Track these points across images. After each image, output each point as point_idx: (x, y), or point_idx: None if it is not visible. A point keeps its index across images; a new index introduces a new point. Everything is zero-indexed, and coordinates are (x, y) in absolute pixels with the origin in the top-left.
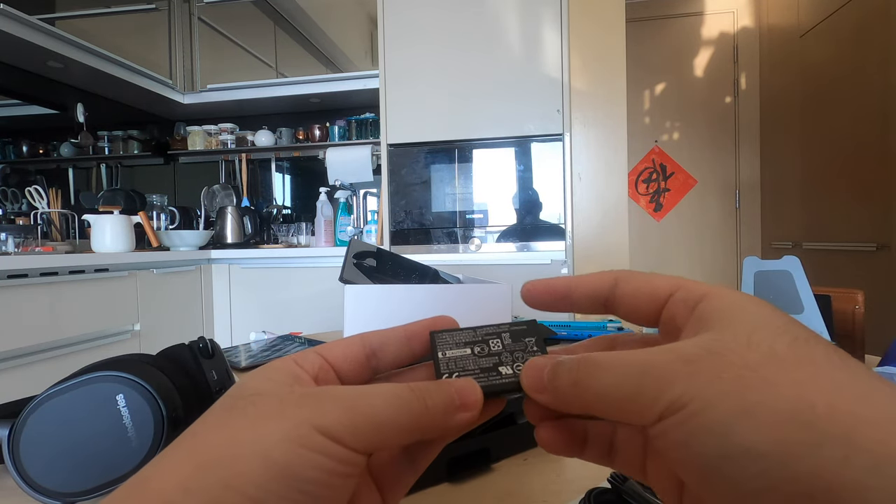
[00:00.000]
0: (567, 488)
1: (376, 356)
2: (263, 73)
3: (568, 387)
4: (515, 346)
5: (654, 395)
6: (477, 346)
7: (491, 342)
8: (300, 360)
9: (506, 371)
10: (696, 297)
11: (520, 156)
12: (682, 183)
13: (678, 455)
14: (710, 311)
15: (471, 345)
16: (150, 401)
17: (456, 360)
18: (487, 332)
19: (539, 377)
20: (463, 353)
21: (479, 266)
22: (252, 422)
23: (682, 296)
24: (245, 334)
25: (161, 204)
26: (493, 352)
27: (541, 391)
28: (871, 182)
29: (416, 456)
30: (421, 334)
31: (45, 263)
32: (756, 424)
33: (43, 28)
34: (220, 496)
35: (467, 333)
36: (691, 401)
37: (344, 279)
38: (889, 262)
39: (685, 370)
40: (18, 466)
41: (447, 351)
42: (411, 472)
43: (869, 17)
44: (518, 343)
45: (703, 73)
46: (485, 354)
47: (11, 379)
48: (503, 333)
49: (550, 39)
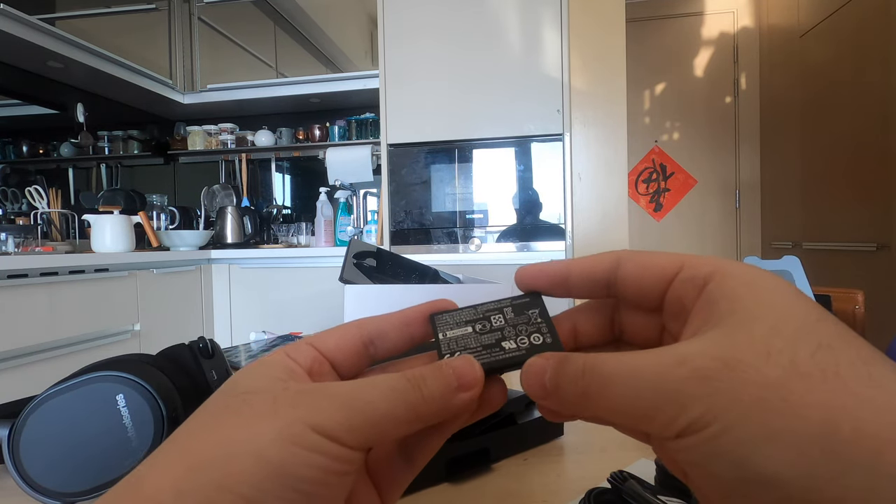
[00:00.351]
0: (567, 488)
1: (374, 344)
2: (263, 73)
3: (575, 398)
4: (518, 320)
5: (671, 415)
6: (478, 324)
7: (493, 318)
8: (293, 353)
9: (509, 346)
10: (703, 275)
11: (520, 156)
12: (682, 183)
13: (696, 472)
14: (720, 296)
15: (472, 323)
16: (150, 401)
17: (457, 340)
18: (488, 309)
19: (540, 383)
20: (464, 331)
21: (479, 266)
22: (246, 421)
23: (688, 274)
24: (245, 334)
25: (161, 204)
26: (496, 327)
27: (544, 398)
28: (871, 182)
29: (413, 454)
30: (419, 319)
31: (45, 263)
32: (778, 451)
33: (43, 28)
34: (213, 497)
35: (468, 312)
36: (710, 423)
37: (344, 279)
38: (889, 262)
39: (702, 390)
40: (18, 466)
41: (448, 331)
42: (409, 470)
43: (869, 17)
44: (521, 316)
45: (703, 73)
46: (486, 331)
47: (11, 379)
48: (505, 308)
49: (550, 39)
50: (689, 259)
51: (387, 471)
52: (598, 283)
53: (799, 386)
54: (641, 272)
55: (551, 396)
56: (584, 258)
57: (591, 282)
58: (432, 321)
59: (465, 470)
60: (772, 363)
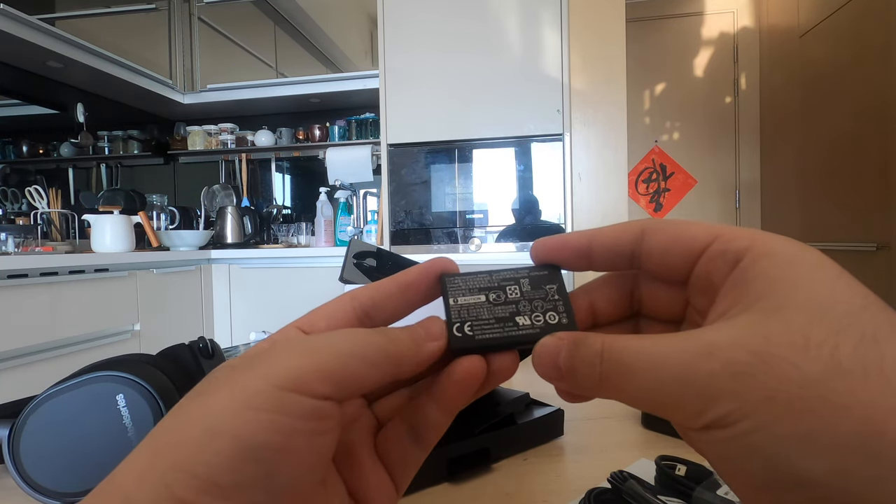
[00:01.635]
0: (567, 488)
1: (370, 317)
2: (263, 73)
3: (592, 382)
4: (535, 294)
5: (698, 408)
6: (492, 293)
7: (508, 289)
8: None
9: (523, 322)
10: (736, 250)
11: (520, 156)
12: (682, 183)
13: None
14: (754, 274)
15: (486, 291)
16: (150, 401)
17: (469, 308)
18: (504, 278)
19: (554, 364)
20: (477, 300)
21: (479, 266)
22: (205, 397)
23: (719, 248)
24: (245, 334)
25: (161, 204)
26: (510, 299)
27: (559, 379)
28: (871, 182)
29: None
30: (417, 283)
31: (45, 263)
32: (815, 453)
33: (43, 28)
34: (169, 479)
35: (482, 278)
36: (741, 420)
37: (344, 279)
38: (889, 262)
39: (734, 385)
40: (18, 466)
41: (459, 297)
42: (419, 449)
43: (869, 17)
44: (538, 291)
45: (703, 73)
46: (501, 302)
47: (11, 379)
48: (522, 279)
49: (550, 39)
50: (724, 231)
51: (396, 452)
52: (622, 256)
53: (840, 384)
54: (670, 244)
55: (566, 379)
56: (606, 228)
57: (614, 254)
58: (443, 283)
59: (465, 470)
60: (810, 358)
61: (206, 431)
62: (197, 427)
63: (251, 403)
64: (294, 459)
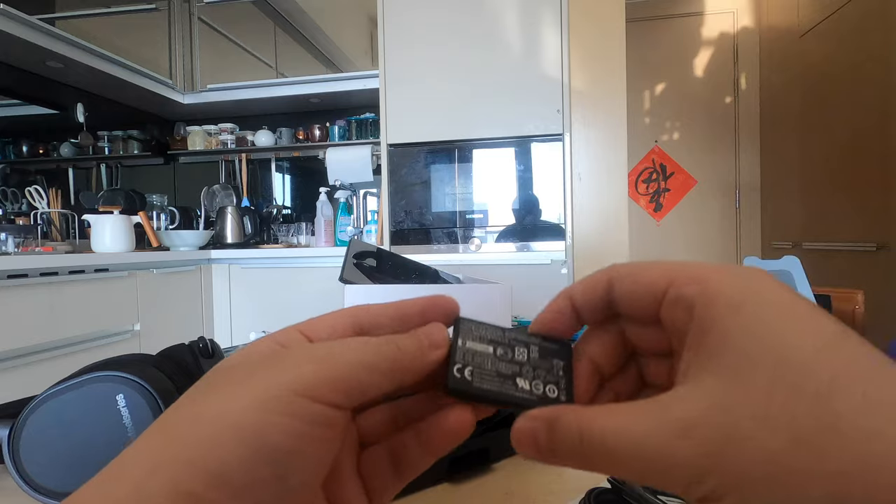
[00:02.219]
0: (567, 488)
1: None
2: (263, 73)
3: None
4: (541, 364)
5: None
6: (500, 348)
7: (517, 349)
8: (281, 339)
9: (522, 385)
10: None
11: (520, 156)
12: (683, 183)
13: None
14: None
15: (495, 344)
16: (150, 401)
17: (474, 354)
18: (516, 338)
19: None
20: (484, 349)
21: (479, 266)
22: (223, 394)
23: (674, 294)
24: (245, 334)
25: (161, 204)
26: (516, 360)
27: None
28: (871, 182)
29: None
30: (416, 317)
31: (45, 263)
32: None
33: (43, 28)
34: (181, 473)
35: (495, 331)
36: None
37: (344, 279)
38: (889, 262)
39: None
40: (18, 466)
41: (468, 341)
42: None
43: (869, 17)
44: (545, 361)
45: (703, 73)
46: (506, 360)
47: (11, 379)
48: (532, 346)
49: (550, 39)
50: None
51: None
52: (601, 308)
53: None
54: (633, 289)
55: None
56: (577, 284)
57: (592, 308)
58: (457, 324)
59: (465, 470)
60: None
61: (225, 428)
62: (214, 424)
63: (270, 406)
64: (302, 464)
